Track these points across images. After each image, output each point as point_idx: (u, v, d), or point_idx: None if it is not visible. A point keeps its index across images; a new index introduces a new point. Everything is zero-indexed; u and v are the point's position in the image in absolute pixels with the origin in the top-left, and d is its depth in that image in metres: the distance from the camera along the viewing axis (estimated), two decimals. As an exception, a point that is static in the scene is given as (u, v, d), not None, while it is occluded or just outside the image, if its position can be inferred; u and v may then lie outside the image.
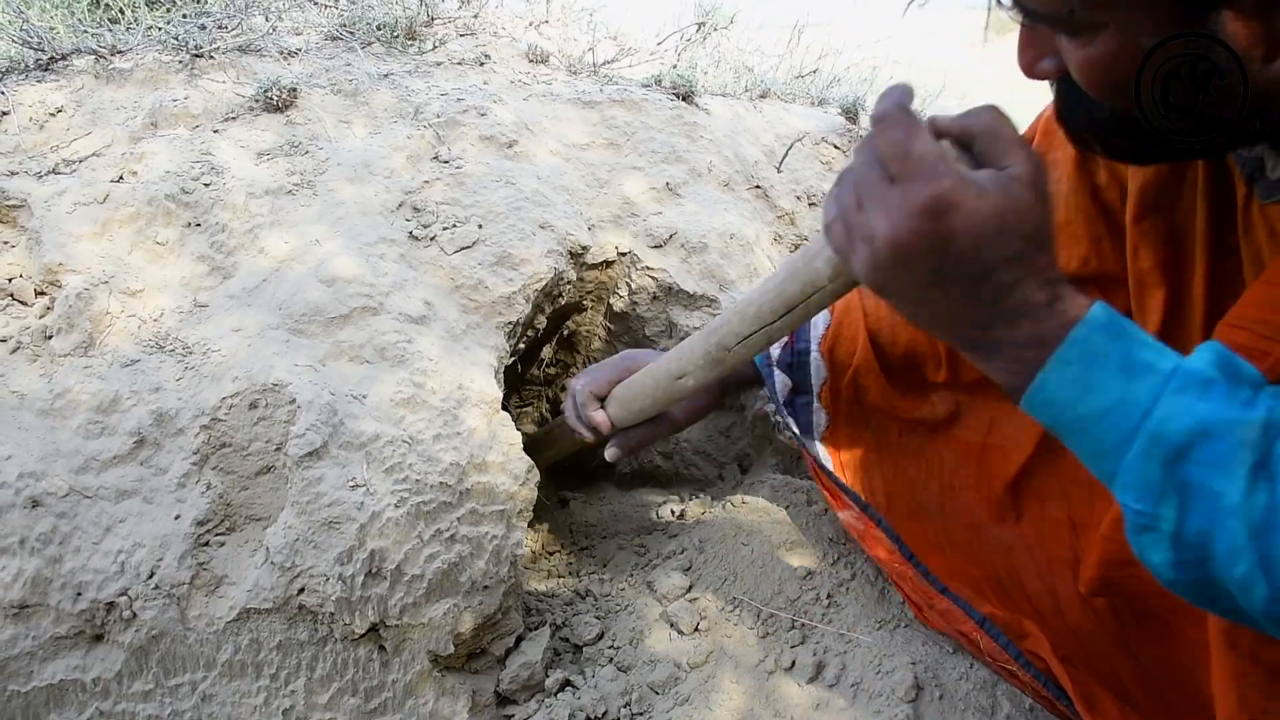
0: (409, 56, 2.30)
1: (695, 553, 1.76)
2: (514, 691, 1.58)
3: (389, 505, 1.45)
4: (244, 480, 1.50)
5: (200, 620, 1.43)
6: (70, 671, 1.39)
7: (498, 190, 1.85)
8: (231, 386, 1.52)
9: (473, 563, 1.50)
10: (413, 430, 1.52)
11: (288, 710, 1.46)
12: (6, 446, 1.44)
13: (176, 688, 1.43)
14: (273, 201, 1.78)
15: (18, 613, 1.37)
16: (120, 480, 1.47)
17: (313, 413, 1.48)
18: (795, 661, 1.53)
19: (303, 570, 1.43)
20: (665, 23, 4.03)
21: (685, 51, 3.42)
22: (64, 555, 1.40)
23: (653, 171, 2.13)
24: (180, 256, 1.71)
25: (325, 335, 1.60)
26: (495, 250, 1.76)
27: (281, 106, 1.97)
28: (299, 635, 1.46)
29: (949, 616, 1.49)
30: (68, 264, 1.64)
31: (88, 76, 2.03)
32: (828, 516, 1.77)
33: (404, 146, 1.92)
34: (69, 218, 1.71)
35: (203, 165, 1.81)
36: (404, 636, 1.48)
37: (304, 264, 1.67)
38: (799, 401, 1.61)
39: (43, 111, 1.94)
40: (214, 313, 1.63)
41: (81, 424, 1.49)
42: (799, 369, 1.60)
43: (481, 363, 1.65)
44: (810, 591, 1.64)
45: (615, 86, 2.35)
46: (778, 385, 1.60)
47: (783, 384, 1.60)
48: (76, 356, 1.56)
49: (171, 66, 2.08)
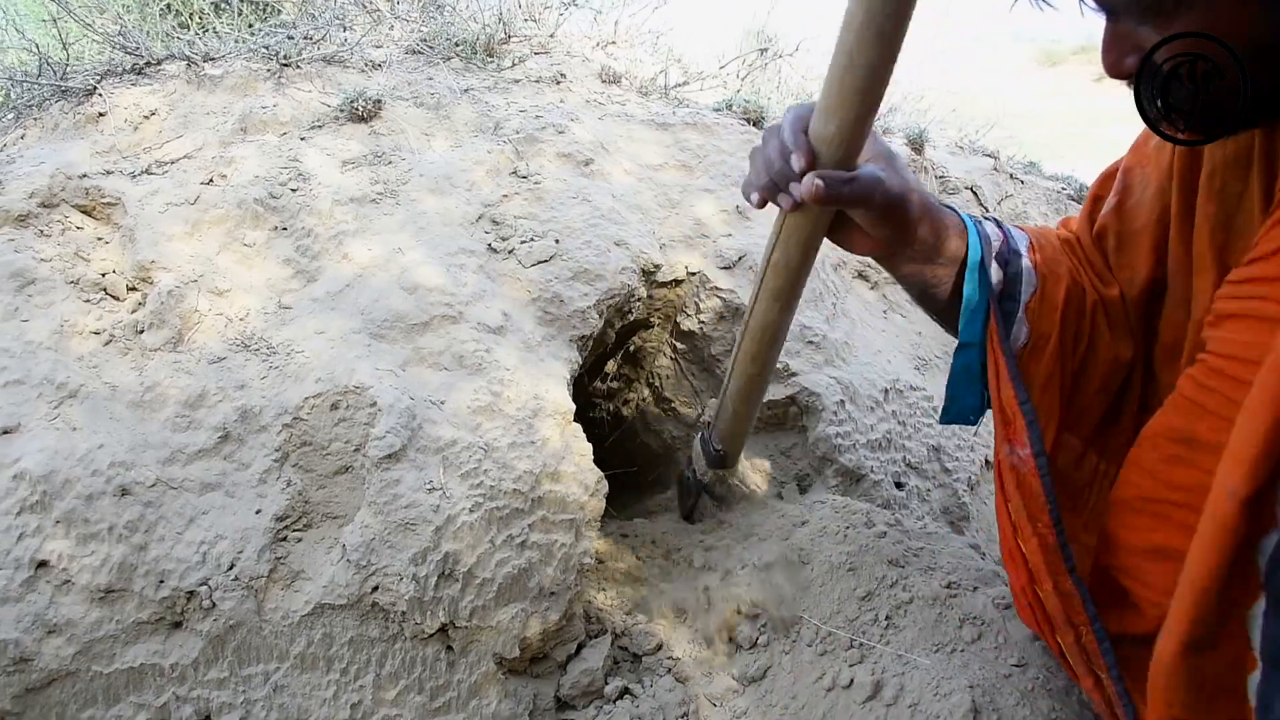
0: (487, 72, 2.35)
1: (756, 569, 1.78)
2: (574, 697, 1.60)
3: (464, 509, 1.49)
4: (322, 479, 1.54)
5: (276, 613, 1.47)
6: (150, 656, 1.43)
7: (574, 207, 1.89)
8: (314, 387, 1.56)
9: (542, 569, 1.53)
10: (489, 437, 1.55)
11: (355, 704, 1.49)
12: (99, 435, 1.49)
13: (249, 677, 1.47)
14: (357, 209, 1.83)
15: (104, 597, 1.41)
16: (205, 473, 1.51)
17: (393, 416, 1.52)
18: (853, 680, 1.55)
19: (378, 569, 1.46)
20: (727, 48, 4.08)
21: (747, 77, 3.46)
22: (149, 543, 1.44)
23: (723, 194, 2.17)
24: (267, 259, 1.76)
25: (406, 341, 1.64)
26: (572, 265, 1.80)
27: (366, 117, 2.02)
28: (370, 632, 1.49)
29: (1068, 601, 1.42)
30: (159, 262, 1.70)
31: (180, 81, 2.10)
32: (887, 539, 1.78)
33: (484, 160, 1.96)
34: (161, 217, 1.77)
35: (290, 171, 1.86)
36: (472, 638, 1.51)
37: (387, 271, 1.72)
38: (1006, 306, 1.48)
39: (137, 114, 2.00)
40: (298, 315, 1.68)
41: (169, 417, 1.54)
42: (1012, 266, 1.47)
43: (555, 374, 1.68)
44: (869, 612, 1.66)
45: (687, 109, 2.39)
46: (992, 277, 1.46)
47: (997, 278, 1.47)
48: (166, 352, 1.62)
49: (260, 74, 2.14)
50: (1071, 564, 1.39)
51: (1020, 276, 1.46)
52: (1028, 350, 1.46)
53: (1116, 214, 1.47)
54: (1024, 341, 1.45)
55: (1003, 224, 1.50)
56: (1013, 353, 1.44)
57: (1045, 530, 1.42)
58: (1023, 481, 1.45)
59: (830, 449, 2.04)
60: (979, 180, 3.03)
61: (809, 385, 2.03)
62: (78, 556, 1.40)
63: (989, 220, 1.49)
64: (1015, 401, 1.43)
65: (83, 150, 1.90)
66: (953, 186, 2.77)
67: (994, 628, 1.60)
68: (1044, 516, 1.41)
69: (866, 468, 2.06)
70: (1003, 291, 1.46)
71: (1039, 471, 1.41)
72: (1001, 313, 1.45)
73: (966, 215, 1.48)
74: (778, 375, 2.03)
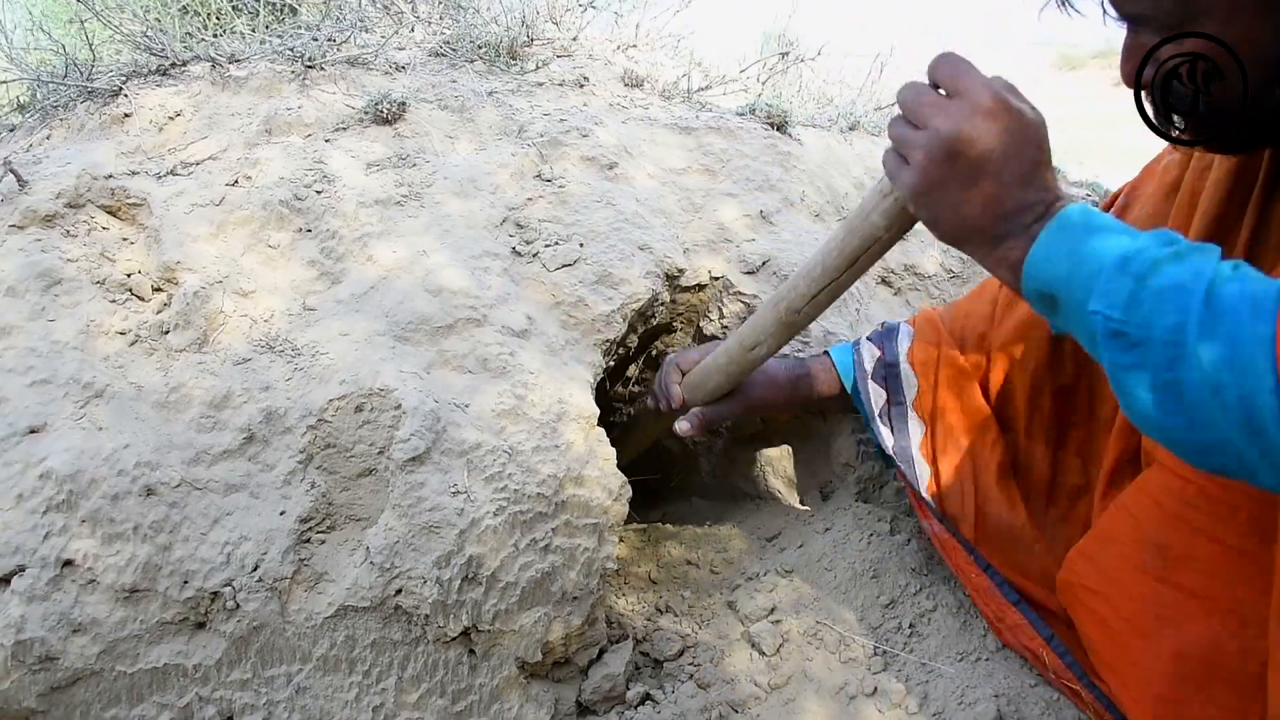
0: (511, 75, 2.35)
1: (778, 576, 1.78)
2: (595, 702, 1.60)
3: (488, 513, 1.49)
4: (346, 481, 1.54)
5: (299, 614, 1.47)
6: (174, 656, 1.43)
7: (599, 211, 1.89)
8: (338, 389, 1.56)
9: (565, 573, 1.53)
10: (513, 441, 1.55)
11: (377, 707, 1.49)
12: (125, 435, 1.49)
13: (272, 678, 1.47)
14: (382, 211, 1.83)
15: (128, 596, 1.41)
16: (229, 474, 1.52)
17: (418, 419, 1.52)
18: (877, 688, 1.54)
19: (401, 572, 1.46)
20: (746, 51, 4.07)
21: (769, 81, 3.45)
22: (174, 543, 1.45)
23: (747, 199, 2.16)
24: (291, 261, 1.77)
25: (430, 344, 1.65)
26: (596, 269, 1.80)
27: (391, 119, 2.03)
28: (393, 635, 1.49)
29: (1018, 632, 1.51)
30: (185, 263, 1.70)
31: (204, 83, 2.11)
32: (910, 547, 1.78)
33: (508, 164, 1.96)
34: (186, 218, 1.77)
35: (315, 173, 1.87)
36: (494, 642, 1.51)
37: (411, 274, 1.72)
38: (894, 412, 1.71)
39: (162, 115, 2.01)
40: (322, 316, 1.68)
41: (194, 418, 1.55)
42: (892, 380, 1.71)
43: (579, 378, 1.68)
44: (893, 620, 1.66)
45: (711, 113, 2.38)
46: (872, 397, 1.70)
47: (877, 396, 1.71)
48: (191, 352, 1.62)
49: (284, 76, 2.15)
50: (1014, 598, 1.54)
51: (900, 381, 1.70)
52: (926, 437, 1.68)
53: None
54: (921, 434, 1.68)
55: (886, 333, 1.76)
56: (908, 457, 1.68)
57: (978, 579, 1.59)
58: (945, 545, 1.65)
59: (853, 456, 2.03)
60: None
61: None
62: (103, 556, 1.40)
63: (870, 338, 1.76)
64: (910, 490, 1.69)
65: (108, 151, 1.91)
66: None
67: (1019, 637, 1.60)
68: (971, 569, 1.60)
69: (889, 475, 2.05)
70: (889, 399, 1.71)
71: (950, 532, 1.61)
72: (892, 415, 1.71)
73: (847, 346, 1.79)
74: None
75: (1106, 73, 21.59)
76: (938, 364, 1.68)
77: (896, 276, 2.34)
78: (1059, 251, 0.99)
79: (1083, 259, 0.97)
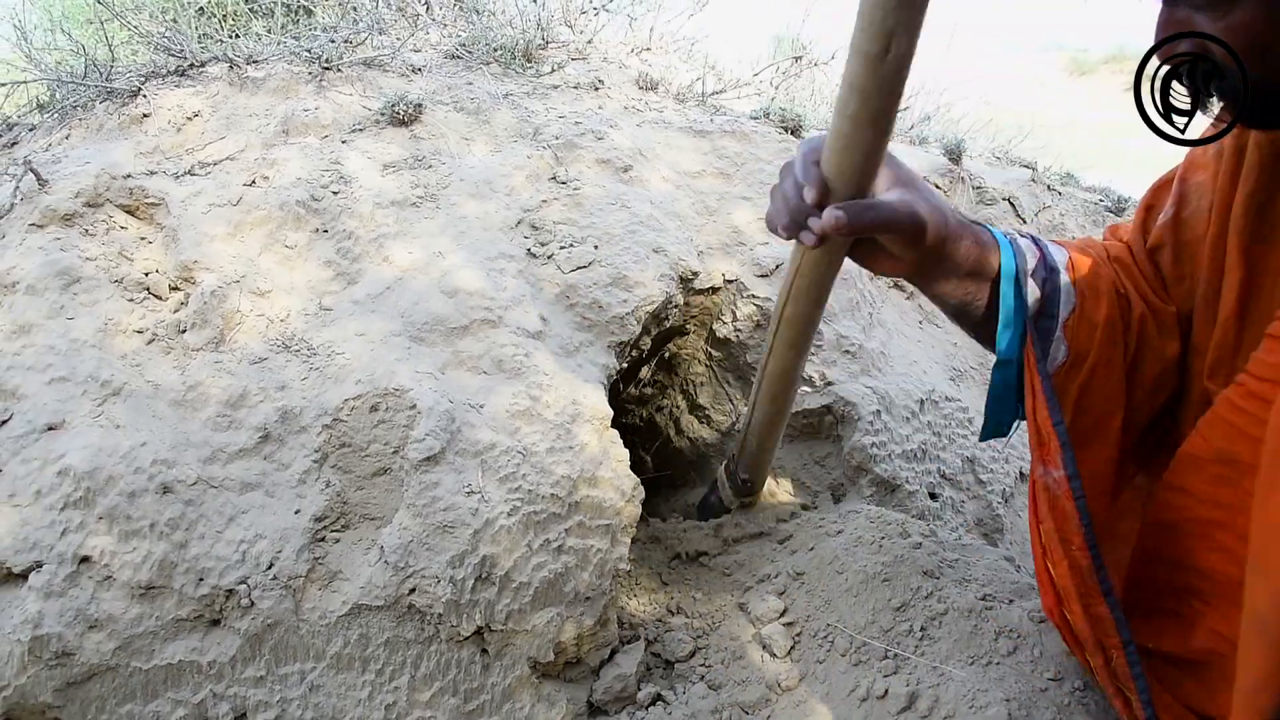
0: (526, 78, 2.36)
1: (789, 578, 1.78)
2: (606, 702, 1.61)
3: (502, 513, 1.49)
4: (361, 480, 1.55)
5: (313, 613, 1.48)
6: (188, 653, 1.44)
7: (613, 213, 1.90)
8: (354, 389, 1.57)
9: (578, 574, 1.54)
10: (527, 442, 1.56)
11: (390, 705, 1.49)
12: (142, 433, 1.50)
13: (286, 676, 1.48)
14: (398, 212, 1.84)
15: (144, 593, 1.42)
16: (245, 473, 1.53)
17: (433, 419, 1.52)
18: (888, 691, 1.54)
19: (415, 571, 1.47)
20: (759, 55, 4.08)
21: (783, 84, 3.46)
22: (189, 541, 1.46)
23: (761, 202, 2.17)
24: (308, 261, 1.78)
25: (445, 344, 1.65)
26: (610, 271, 1.80)
27: (407, 121, 2.04)
28: (406, 633, 1.50)
29: (1099, 624, 1.40)
30: (202, 262, 1.71)
31: (222, 84, 2.12)
32: (922, 550, 1.77)
33: (524, 166, 1.97)
34: (204, 218, 1.79)
35: (332, 174, 1.88)
36: (507, 641, 1.52)
37: (427, 275, 1.73)
38: (1043, 324, 1.44)
39: (180, 115, 2.02)
40: (338, 316, 1.69)
41: (211, 416, 1.56)
42: (1049, 284, 1.43)
43: (593, 379, 1.69)
44: (904, 623, 1.65)
45: (725, 117, 2.39)
46: (1029, 294, 1.42)
47: (1034, 295, 1.43)
48: (208, 351, 1.63)
49: (302, 77, 2.16)
50: (1107, 586, 1.36)
51: (1058, 293, 1.42)
52: (1065, 368, 1.42)
53: (1173, 224, 1.43)
54: (1063, 359, 1.42)
55: (1039, 239, 1.46)
56: (1048, 373, 1.41)
57: (1079, 553, 1.38)
58: (1055, 504, 1.41)
59: (865, 459, 2.03)
60: (1016, 191, 3.02)
61: (845, 395, 2.02)
62: (119, 553, 1.41)
63: (1025, 236, 1.45)
64: (1050, 423, 1.39)
65: (127, 151, 1.92)
66: (990, 197, 2.76)
67: (1030, 641, 1.59)
68: (1077, 539, 1.38)
69: (901, 478, 2.06)
70: (1040, 309, 1.43)
71: (1073, 494, 1.37)
72: (1038, 331, 1.42)
73: (1000, 231, 1.44)
74: (814, 384, 2.03)
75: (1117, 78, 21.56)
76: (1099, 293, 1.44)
77: (909, 280, 2.34)
78: None
79: None
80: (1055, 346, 1.42)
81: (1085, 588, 1.40)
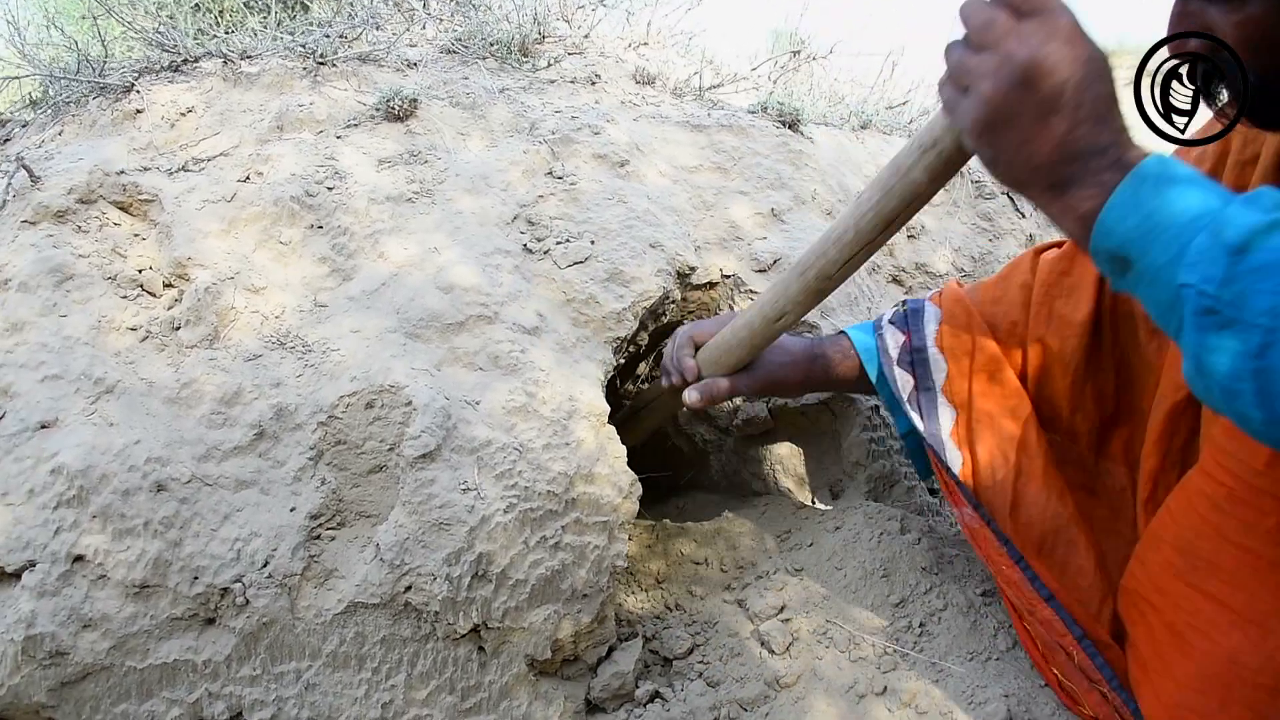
0: (523, 73, 2.35)
1: (788, 574, 1.77)
2: (604, 700, 1.60)
3: (498, 510, 1.49)
4: (356, 477, 1.54)
5: (309, 611, 1.47)
6: (183, 652, 1.44)
7: (610, 208, 1.89)
8: (349, 386, 1.56)
9: (575, 571, 1.53)
10: (524, 438, 1.55)
11: (387, 704, 1.49)
12: (135, 431, 1.49)
13: (282, 675, 1.47)
14: (393, 208, 1.83)
15: (138, 592, 1.42)
16: (240, 470, 1.52)
17: (428, 416, 1.51)
18: (887, 687, 1.54)
19: (411, 569, 1.46)
20: (757, 49, 4.06)
21: (780, 79, 3.45)
22: (184, 539, 1.45)
23: (758, 197, 2.16)
24: (302, 257, 1.76)
25: (441, 341, 1.64)
26: (607, 266, 1.79)
27: (402, 116, 2.02)
28: (402, 631, 1.49)
29: (1049, 626, 1.46)
30: (196, 259, 1.70)
31: (216, 79, 2.11)
32: (921, 546, 1.77)
33: (520, 161, 1.96)
34: (198, 214, 1.77)
35: (326, 170, 1.87)
36: (504, 639, 1.51)
37: (422, 271, 1.72)
38: (923, 398, 1.64)
39: (174, 111, 2.01)
40: (333, 313, 1.68)
41: (205, 414, 1.55)
42: (920, 365, 1.65)
43: (590, 376, 1.68)
44: (903, 619, 1.65)
45: (722, 111, 2.38)
46: (899, 383, 1.64)
47: (905, 381, 1.65)
48: (202, 349, 1.62)
49: (296, 72, 2.15)
50: (1046, 592, 1.47)
51: (928, 366, 1.64)
52: (956, 421, 1.62)
53: None
54: (951, 418, 1.62)
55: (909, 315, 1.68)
56: (940, 442, 1.61)
57: (1010, 570, 1.51)
58: (975, 535, 1.59)
59: (863, 454, 2.03)
60: (1013, 185, 2.99)
61: (843, 390, 2.01)
62: (113, 551, 1.41)
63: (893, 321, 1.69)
64: (946, 474, 1.60)
65: (120, 147, 1.91)
66: (989, 192, 2.74)
67: (1030, 637, 1.59)
68: (1003, 559, 1.52)
69: (900, 474, 2.05)
70: (915, 385, 1.64)
71: (984, 519, 1.54)
72: (921, 405, 1.64)
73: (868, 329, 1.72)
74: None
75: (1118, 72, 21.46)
76: (972, 349, 1.62)
77: (907, 275, 2.33)
78: (1137, 210, 0.90)
79: (1166, 221, 0.88)
80: (942, 411, 1.62)
81: (1024, 597, 1.51)
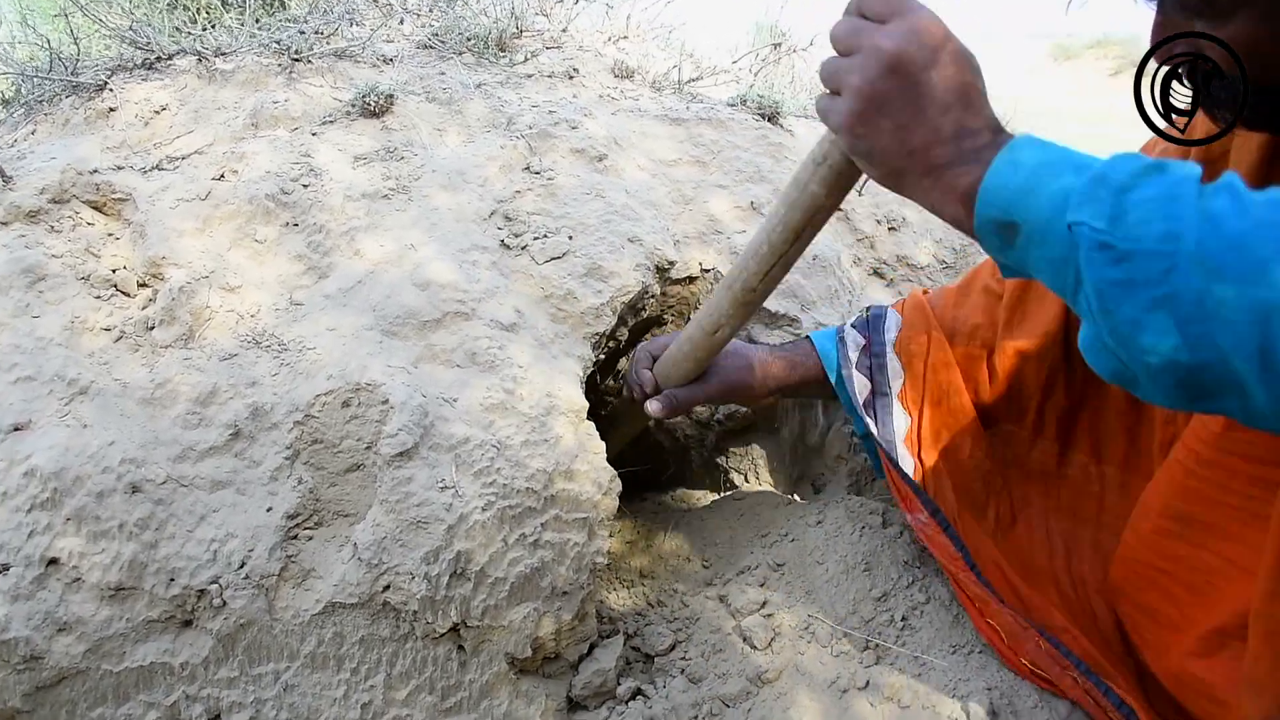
0: (500, 67, 2.33)
1: (770, 570, 1.77)
2: (586, 698, 1.59)
3: (476, 508, 1.48)
4: (333, 476, 1.53)
5: (287, 611, 1.46)
6: (160, 654, 1.42)
7: (588, 203, 1.88)
8: (325, 384, 1.55)
9: (554, 568, 1.52)
10: (502, 435, 1.54)
11: (366, 704, 1.48)
12: (110, 432, 1.48)
13: (260, 676, 1.46)
14: (369, 205, 1.82)
15: (114, 595, 1.40)
16: (215, 471, 1.50)
17: (405, 414, 1.50)
18: (869, 682, 1.53)
19: (389, 568, 1.45)
20: (738, 42, 4.05)
21: (760, 72, 3.44)
22: (159, 541, 1.43)
23: (738, 190, 2.15)
24: (278, 255, 1.75)
25: (418, 338, 1.63)
26: (585, 262, 1.78)
27: (378, 112, 2.01)
28: (381, 631, 1.48)
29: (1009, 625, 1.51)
30: (170, 258, 1.69)
31: (190, 76, 2.09)
32: (903, 540, 1.77)
33: (497, 156, 1.95)
34: (172, 213, 1.76)
35: (302, 167, 1.85)
36: (484, 638, 1.50)
37: (399, 268, 1.71)
38: (879, 403, 1.69)
39: (148, 109, 1.99)
40: (309, 311, 1.67)
41: (180, 414, 1.53)
42: (878, 371, 1.69)
43: (569, 372, 1.67)
44: (885, 613, 1.65)
45: (701, 105, 2.37)
46: (856, 387, 1.68)
47: (862, 386, 1.69)
48: (177, 348, 1.61)
49: (271, 69, 2.13)
50: (1001, 599, 1.51)
51: (885, 373, 1.69)
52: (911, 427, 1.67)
53: None
54: (907, 424, 1.67)
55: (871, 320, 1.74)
56: (892, 441, 1.66)
57: (964, 576, 1.55)
58: (932, 540, 1.61)
59: (845, 448, 2.02)
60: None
61: (824, 383, 2.01)
62: (88, 554, 1.39)
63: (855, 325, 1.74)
64: (901, 481, 1.62)
65: (93, 146, 1.89)
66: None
67: (1011, 629, 1.59)
68: (957, 564, 1.55)
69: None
70: (873, 390, 1.69)
71: (940, 526, 1.56)
72: (876, 409, 1.69)
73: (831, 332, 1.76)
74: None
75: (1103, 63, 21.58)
76: (927, 355, 1.66)
77: (889, 268, 2.33)
78: (1018, 172, 0.92)
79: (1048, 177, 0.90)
80: (897, 417, 1.67)
81: (981, 600, 1.55)
